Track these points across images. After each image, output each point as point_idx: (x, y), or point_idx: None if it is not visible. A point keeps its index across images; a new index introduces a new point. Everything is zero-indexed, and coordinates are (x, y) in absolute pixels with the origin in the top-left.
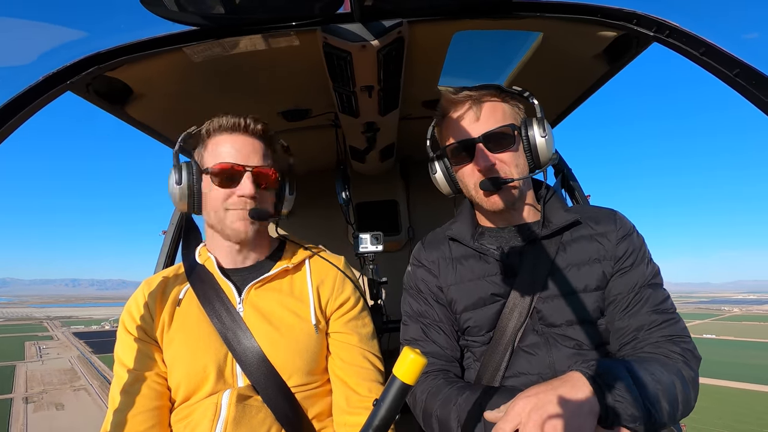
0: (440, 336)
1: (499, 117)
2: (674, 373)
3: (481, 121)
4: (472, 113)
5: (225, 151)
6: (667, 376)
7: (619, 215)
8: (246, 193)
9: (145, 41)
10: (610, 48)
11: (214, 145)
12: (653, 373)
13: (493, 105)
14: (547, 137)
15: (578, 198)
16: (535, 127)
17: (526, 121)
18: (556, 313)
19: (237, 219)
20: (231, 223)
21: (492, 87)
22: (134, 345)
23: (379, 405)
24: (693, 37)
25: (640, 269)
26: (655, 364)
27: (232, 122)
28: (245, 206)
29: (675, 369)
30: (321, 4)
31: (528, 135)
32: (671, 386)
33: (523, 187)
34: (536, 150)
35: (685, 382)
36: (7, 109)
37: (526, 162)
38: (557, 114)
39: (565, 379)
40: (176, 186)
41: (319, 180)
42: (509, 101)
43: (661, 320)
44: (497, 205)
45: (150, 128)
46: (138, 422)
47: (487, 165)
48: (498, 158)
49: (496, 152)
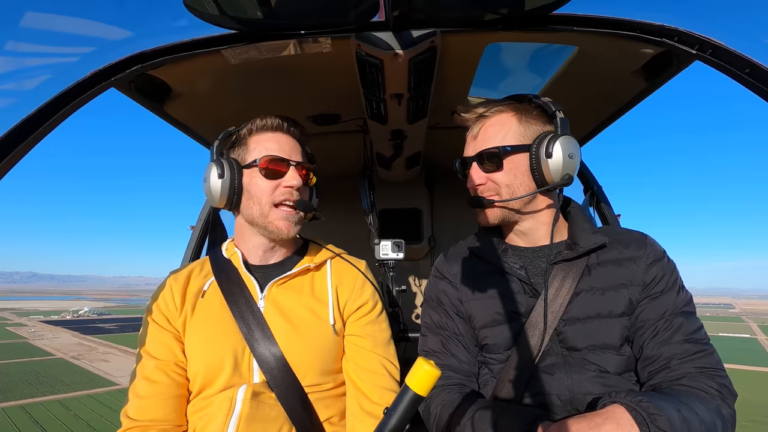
0: (459, 349)
1: (498, 136)
2: (715, 412)
3: (479, 139)
4: (475, 131)
5: (272, 147)
6: (710, 417)
7: (650, 240)
8: (293, 184)
9: (186, 42)
10: (649, 64)
11: (257, 142)
12: (697, 412)
13: (498, 121)
14: (554, 158)
15: (608, 218)
16: (544, 145)
17: (541, 138)
18: (578, 336)
19: (280, 218)
20: (275, 220)
21: (507, 101)
22: (159, 334)
23: (390, 414)
24: (738, 56)
25: (671, 296)
26: (696, 401)
27: (277, 122)
28: (291, 196)
29: (715, 407)
30: (356, 12)
31: (536, 154)
32: (714, 428)
33: (522, 206)
34: (540, 170)
35: (725, 422)
36: (57, 102)
37: (527, 182)
38: (590, 129)
39: (607, 415)
40: (218, 180)
41: (344, 184)
42: (525, 117)
43: (694, 350)
44: (484, 221)
45: (185, 126)
46: (157, 409)
47: (474, 183)
48: (490, 177)
49: (488, 172)
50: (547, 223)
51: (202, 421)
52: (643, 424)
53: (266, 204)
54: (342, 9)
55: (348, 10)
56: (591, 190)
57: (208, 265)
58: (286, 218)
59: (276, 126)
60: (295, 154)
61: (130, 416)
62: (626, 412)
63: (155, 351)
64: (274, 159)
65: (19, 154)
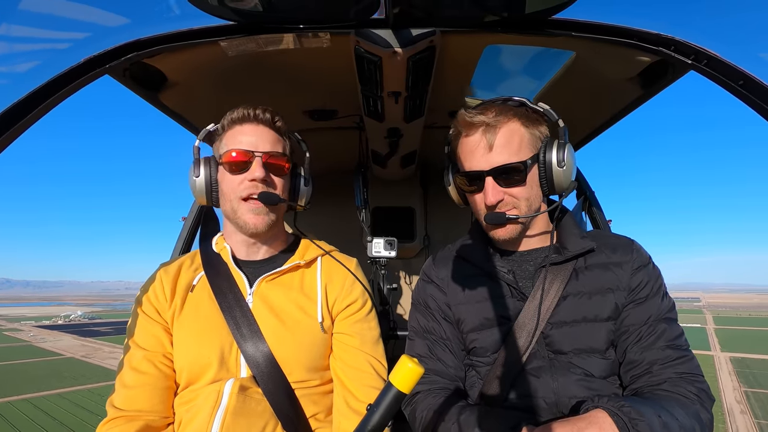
0: (446, 354)
1: (514, 147)
2: (694, 417)
3: (494, 151)
4: (485, 141)
5: (236, 140)
6: (689, 421)
7: (637, 245)
8: (256, 177)
9: (184, 32)
10: (645, 72)
11: (227, 137)
12: (677, 417)
13: (509, 131)
14: (566, 167)
15: (599, 222)
16: (554, 153)
17: (546, 146)
18: (564, 340)
19: (248, 212)
20: (243, 215)
21: (510, 108)
22: (148, 325)
23: (373, 411)
24: (732, 67)
25: (655, 302)
26: (676, 406)
27: (243, 113)
28: (256, 190)
29: (694, 411)
30: (356, 8)
31: (545, 161)
32: (692, 431)
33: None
34: (551, 179)
35: (704, 427)
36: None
37: (539, 192)
38: (584, 135)
39: (590, 420)
40: (195, 179)
41: (339, 181)
42: (529, 123)
43: (675, 356)
44: (501, 237)
45: (180, 116)
46: (144, 400)
47: (494, 200)
48: (508, 192)
49: (506, 186)
50: (538, 228)
51: (189, 414)
52: (624, 429)
53: (234, 199)
54: (342, 4)
55: (348, 5)
56: (584, 194)
57: (199, 259)
58: (254, 211)
59: (243, 117)
60: (263, 143)
61: (116, 406)
62: (608, 417)
63: (144, 342)
64: (236, 152)
65: (10, 138)
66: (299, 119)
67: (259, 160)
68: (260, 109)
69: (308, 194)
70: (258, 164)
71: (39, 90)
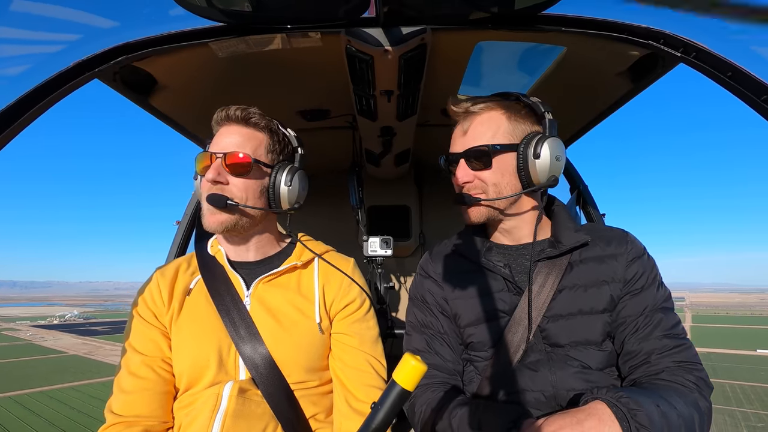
0: (444, 348)
1: (488, 134)
2: (693, 406)
3: (468, 135)
4: (464, 126)
5: (214, 142)
6: (687, 410)
7: (631, 237)
8: (209, 177)
9: (173, 34)
10: (635, 66)
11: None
12: (675, 406)
13: (487, 118)
14: (542, 159)
15: (593, 217)
16: (532, 146)
17: (529, 139)
18: (561, 332)
19: (206, 212)
20: (204, 215)
21: (496, 98)
22: (145, 330)
23: (377, 409)
24: (720, 59)
25: (651, 292)
26: (675, 395)
27: (218, 115)
28: (209, 191)
29: (693, 400)
30: (346, 7)
31: (523, 154)
32: (691, 421)
33: (508, 205)
34: (527, 171)
35: (702, 415)
36: (38, 92)
37: (513, 181)
38: (576, 130)
39: (589, 411)
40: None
41: (333, 180)
42: (514, 115)
43: (673, 345)
44: (470, 219)
45: (171, 119)
46: (143, 405)
47: (460, 181)
48: (477, 175)
49: (475, 169)
50: (530, 221)
51: (188, 418)
52: (623, 420)
53: (203, 200)
54: (332, 4)
55: (338, 5)
56: (577, 189)
57: (195, 262)
58: (209, 211)
59: (218, 120)
60: (230, 144)
61: (114, 412)
62: (607, 408)
63: (141, 347)
64: (200, 155)
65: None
66: (292, 120)
67: (218, 161)
68: (234, 108)
69: (291, 195)
70: (215, 166)
71: (28, 95)
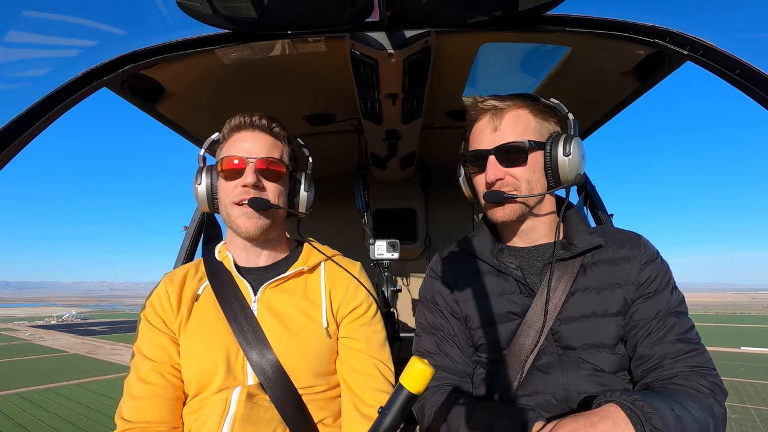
0: (454, 350)
1: (519, 130)
2: (707, 411)
3: (499, 132)
4: (492, 124)
5: (233, 147)
6: (702, 415)
7: (644, 240)
8: (247, 182)
9: (180, 42)
10: (642, 65)
11: (227, 145)
12: (690, 410)
13: (516, 116)
14: (572, 157)
15: (601, 218)
16: (561, 144)
17: (554, 138)
18: (573, 335)
19: (240, 215)
20: (236, 219)
21: (520, 97)
22: (154, 336)
23: (384, 413)
24: (728, 57)
25: (664, 296)
26: (689, 400)
27: (239, 121)
28: (247, 195)
29: (707, 405)
30: (351, 12)
31: (551, 152)
32: (706, 426)
33: (535, 204)
34: (556, 169)
35: (717, 421)
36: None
37: (543, 179)
38: (582, 130)
39: (603, 414)
40: (197, 186)
41: (339, 184)
42: (539, 114)
43: (686, 350)
44: (500, 217)
45: (178, 126)
46: (153, 411)
47: (494, 178)
48: (509, 172)
49: (508, 166)
50: (547, 222)
51: (197, 423)
52: (637, 423)
53: (229, 204)
54: (336, 9)
55: (342, 9)
56: (585, 190)
57: (203, 268)
58: (245, 215)
59: (240, 124)
60: (258, 149)
61: (125, 418)
62: (621, 411)
63: (151, 353)
64: (231, 159)
65: (10, 155)
66: (299, 124)
67: (252, 166)
68: (257, 116)
69: (308, 200)
70: (250, 170)
71: (37, 105)
